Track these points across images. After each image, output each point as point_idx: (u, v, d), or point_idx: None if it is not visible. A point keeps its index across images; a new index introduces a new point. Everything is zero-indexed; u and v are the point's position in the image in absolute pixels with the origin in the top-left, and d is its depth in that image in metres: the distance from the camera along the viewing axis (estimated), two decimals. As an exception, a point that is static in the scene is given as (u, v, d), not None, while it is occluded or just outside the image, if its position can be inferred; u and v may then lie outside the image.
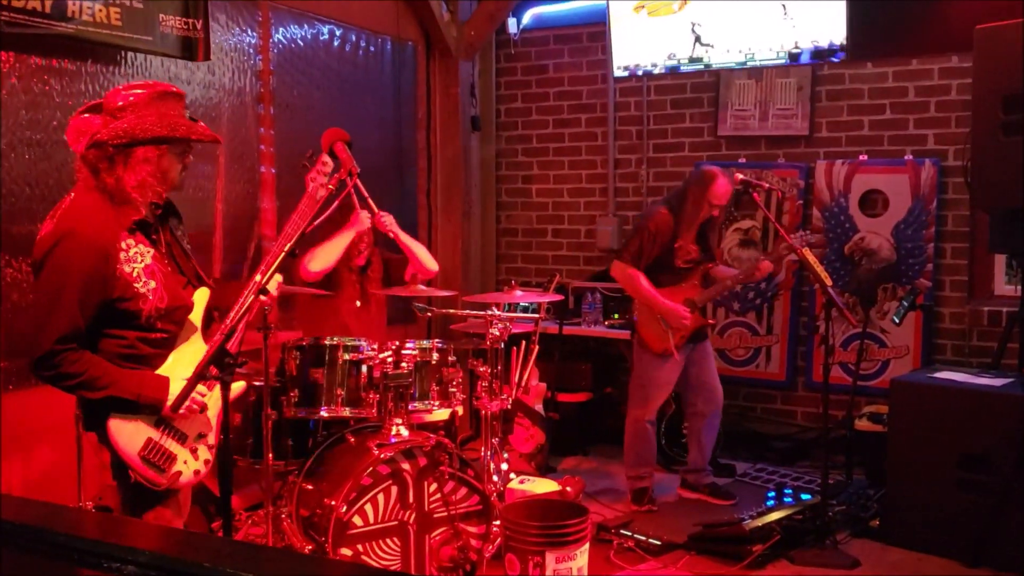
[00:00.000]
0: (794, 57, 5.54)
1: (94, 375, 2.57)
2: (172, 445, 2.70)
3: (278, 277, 2.88)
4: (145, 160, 2.64)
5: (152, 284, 2.65)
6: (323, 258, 4.14)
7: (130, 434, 2.63)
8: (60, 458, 3.76)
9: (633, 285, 4.73)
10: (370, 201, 4.17)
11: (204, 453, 2.80)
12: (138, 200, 2.67)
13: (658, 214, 4.73)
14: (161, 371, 2.70)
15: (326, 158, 2.99)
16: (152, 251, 2.70)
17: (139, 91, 2.67)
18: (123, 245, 2.61)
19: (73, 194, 2.67)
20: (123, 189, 2.63)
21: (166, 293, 2.68)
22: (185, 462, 2.72)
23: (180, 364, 2.73)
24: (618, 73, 6.08)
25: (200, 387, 2.69)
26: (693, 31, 5.78)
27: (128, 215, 2.65)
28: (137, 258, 2.64)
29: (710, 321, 5.00)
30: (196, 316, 2.80)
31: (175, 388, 2.65)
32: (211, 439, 2.82)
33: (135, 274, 2.62)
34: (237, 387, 2.81)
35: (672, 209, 4.73)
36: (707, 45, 5.78)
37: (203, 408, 2.74)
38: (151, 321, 2.66)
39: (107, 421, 2.62)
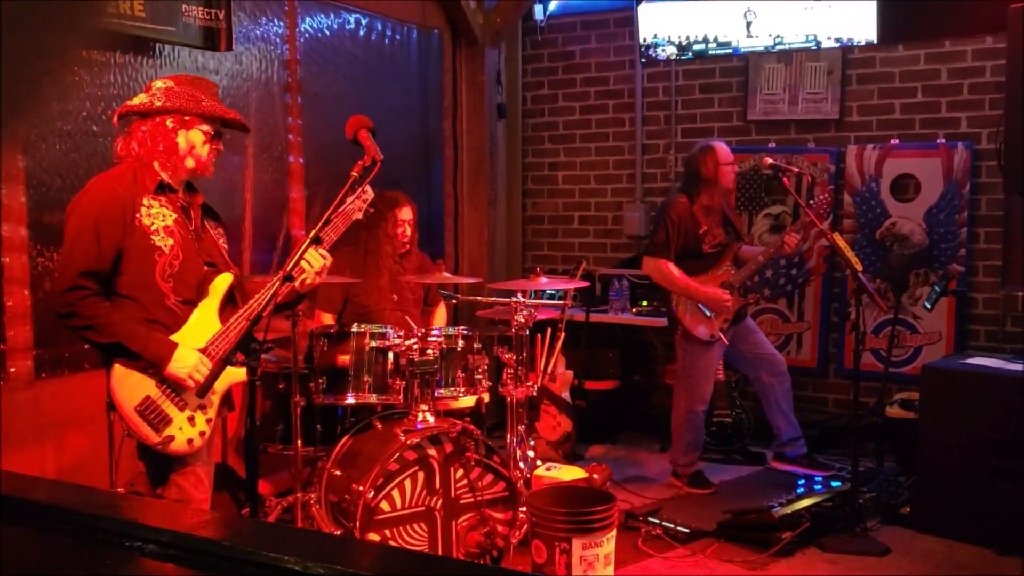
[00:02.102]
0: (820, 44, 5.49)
1: (107, 320, 2.74)
2: (170, 408, 2.80)
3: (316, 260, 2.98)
4: (172, 130, 2.87)
5: (169, 241, 2.83)
6: None
7: (131, 387, 2.76)
8: (93, 445, 3.81)
9: (668, 277, 4.72)
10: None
11: (201, 425, 2.86)
12: (164, 166, 2.88)
13: (678, 203, 4.72)
14: (173, 338, 2.84)
15: (367, 187, 3.15)
16: (176, 216, 2.88)
17: (174, 76, 3.00)
18: (145, 202, 2.83)
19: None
20: (150, 154, 2.86)
21: (181, 253, 2.84)
22: (180, 428, 2.81)
23: (191, 336, 2.85)
24: (644, 59, 6.04)
25: (201, 365, 2.79)
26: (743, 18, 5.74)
27: (153, 178, 2.86)
28: (159, 217, 2.84)
29: (749, 300, 5.00)
30: (215, 295, 2.92)
31: (180, 354, 2.78)
32: (211, 413, 2.90)
33: (153, 228, 2.82)
34: (239, 374, 2.86)
35: (689, 194, 4.71)
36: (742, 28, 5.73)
37: (200, 387, 2.78)
38: (167, 277, 2.80)
39: (111, 368, 2.76)
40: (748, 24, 5.70)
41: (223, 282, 2.95)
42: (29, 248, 3.76)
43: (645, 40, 6.00)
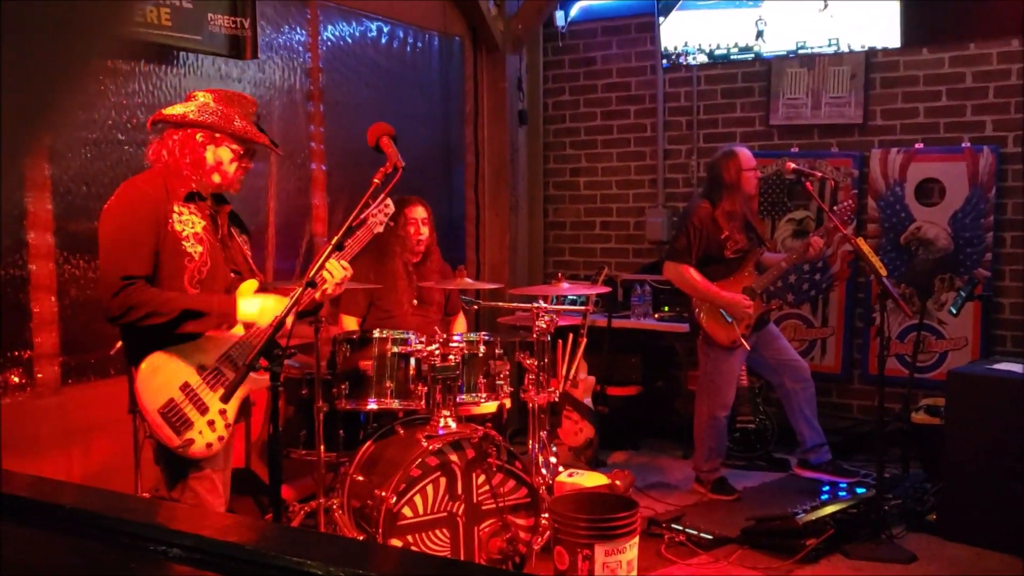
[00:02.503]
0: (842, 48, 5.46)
1: (164, 298, 2.79)
2: (192, 412, 2.82)
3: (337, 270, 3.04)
4: (201, 144, 2.90)
5: (199, 248, 2.87)
6: None
7: (156, 388, 2.78)
8: (119, 450, 3.84)
9: (689, 282, 4.71)
10: None
11: (220, 429, 2.88)
12: (192, 176, 2.91)
13: (699, 208, 4.72)
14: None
15: (388, 200, 3.21)
16: (204, 223, 2.92)
17: (214, 91, 3.03)
18: (176, 209, 2.86)
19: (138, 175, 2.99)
20: (179, 164, 2.89)
21: (210, 260, 2.88)
22: (200, 432, 2.83)
23: (216, 342, 2.89)
24: (667, 62, 6.03)
25: (268, 310, 2.87)
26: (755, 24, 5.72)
27: (183, 187, 2.90)
28: (189, 224, 2.88)
29: (772, 306, 4.98)
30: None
31: (242, 304, 2.88)
32: (229, 418, 2.92)
33: (184, 234, 2.86)
34: (256, 381, 2.91)
35: (711, 199, 4.71)
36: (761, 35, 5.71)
37: (225, 391, 2.81)
38: (195, 283, 2.84)
39: (138, 367, 2.78)
40: (759, 33, 5.68)
41: (248, 289, 2.97)
42: (56, 255, 3.80)
43: (666, 49, 5.99)
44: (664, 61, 6.09)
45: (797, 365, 4.93)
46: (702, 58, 5.92)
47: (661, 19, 5.96)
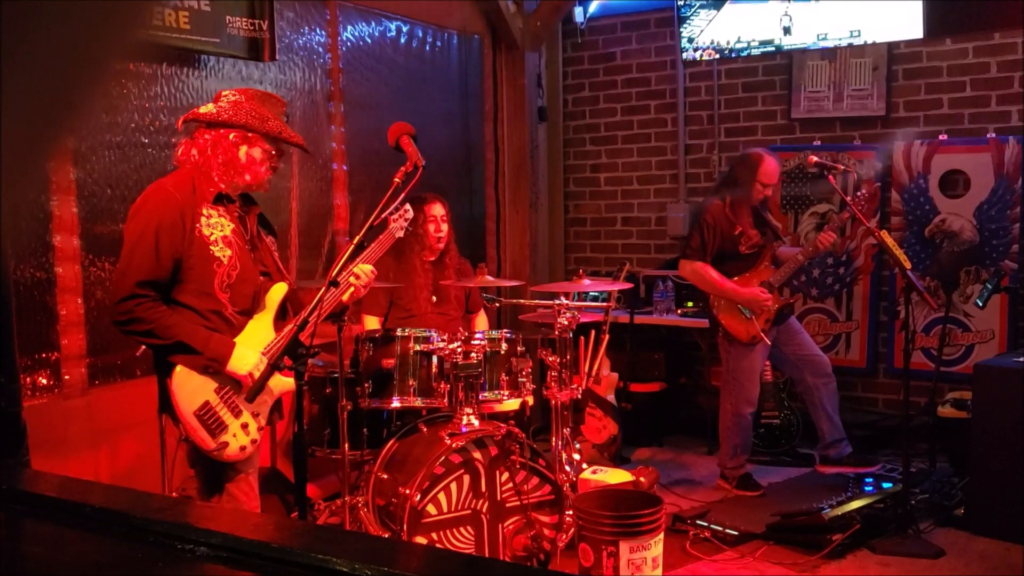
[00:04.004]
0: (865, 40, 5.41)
1: (166, 323, 2.75)
2: (226, 415, 2.81)
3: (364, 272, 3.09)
4: (233, 144, 2.87)
5: (228, 252, 2.84)
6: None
7: (192, 390, 2.77)
8: (145, 450, 3.88)
9: (705, 279, 4.70)
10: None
11: (253, 432, 2.88)
12: (223, 177, 2.88)
13: (713, 206, 4.71)
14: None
15: (409, 206, 3.29)
16: (233, 226, 2.89)
17: (244, 90, 3.00)
18: (205, 212, 2.83)
19: (168, 175, 2.95)
20: (210, 164, 2.86)
21: (239, 264, 2.86)
22: (234, 435, 2.83)
23: (247, 344, 2.87)
24: (687, 56, 6.01)
25: (261, 364, 2.82)
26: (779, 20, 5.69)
27: (212, 188, 2.87)
28: (217, 227, 2.84)
29: (791, 300, 4.95)
30: (271, 307, 2.94)
31: (240, 352, 2.80)
32: (262, 420, 2.92)
33: (213, 238, 2.82)
34: (289, 383, 2.91)
35: (723, 196, 4.70)
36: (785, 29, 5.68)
37: (250, 390, 2.80)
38: (224, 288, 2.82)
39: (172, 370, 2.76)
40: (786, 29, 5.65)
41: (278, 293, 2.97)
42: (81, 258, 3.84)
43: (687, 47, 5.96)
44: (683, 58, 6.06)
45: (819, 360, 4.89)
46: (715, 52, 5.89)
47: (711, 12, 5.93)
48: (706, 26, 5.90)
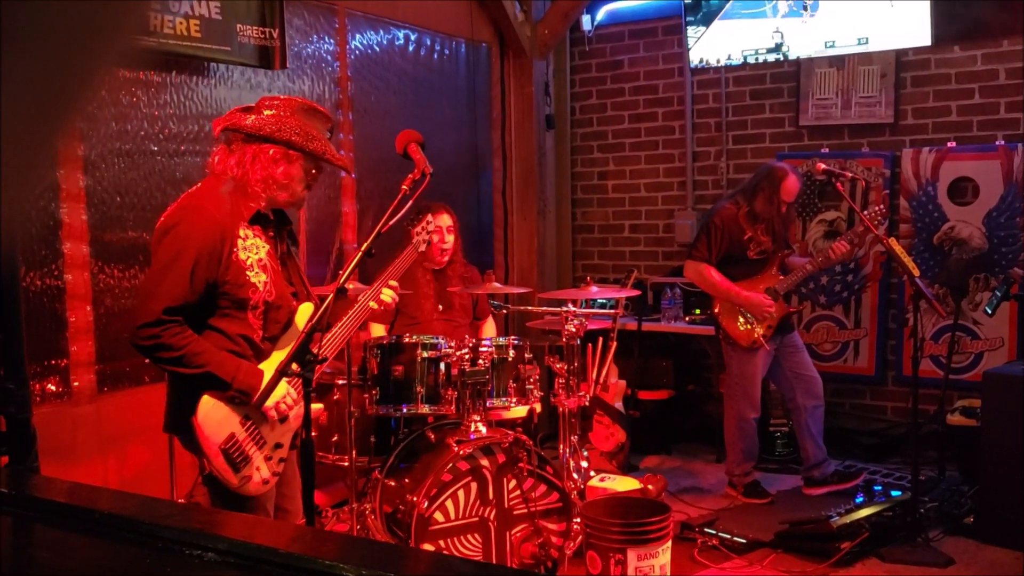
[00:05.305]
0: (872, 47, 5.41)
1: (195, 351, 2.57)
2: (251, 448, 2.68)
3: (388, 291, 3.08)
4: (273, 160, 2.69)
5: (264, 277, 2.69)
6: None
7: (218, 422, 2.62)
8: (153, 456, 3.90)
9: (708, 281, 4.70)
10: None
11: (275, 466, 2.75)
12: (260, 194, 2.71)
13: (724, 209, 4.72)
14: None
15: (430, 217, 3.28)
16: (268, 247, 2.74)
17: (289, 100, 2.79)
18: (242, 233, 2.67)
19: (201, 184, 2.77)
20: (247, 180, 2.69)
21: (275, 289, 2.72)
22: (258, 468, 2.69)
23: (272, 370, 2.71)
24: (695, 63, 6.02)
25: (288, 396, 2.73)
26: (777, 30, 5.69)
27: (249, 206, 2.71)
28: (253, 249, 2.69)
29: (794, 309, 4.94)
30: (300, 327, 2.80)
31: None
32: (284, 453, 2.79)
33: (249, 263, 2.66)
34: (315, 408, 2.85)
35: (739, 204, 4.70)
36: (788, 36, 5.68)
37: (284, 417, 2.73)
38: (258, 314, 2.69)
39: (198, 403, 2.60)
40: (777, 46, 5.67)
41: (304, 315, 2.82)
42: (91, 265, 3.86)
43: (694, 59, 5.97)
44: (691, 66, 6.07)
45: (813, 381, 4.85)
46: (722, 59, 5.90)
47: (700, 28, 5.94)
48: (694, 44, 5.92)
